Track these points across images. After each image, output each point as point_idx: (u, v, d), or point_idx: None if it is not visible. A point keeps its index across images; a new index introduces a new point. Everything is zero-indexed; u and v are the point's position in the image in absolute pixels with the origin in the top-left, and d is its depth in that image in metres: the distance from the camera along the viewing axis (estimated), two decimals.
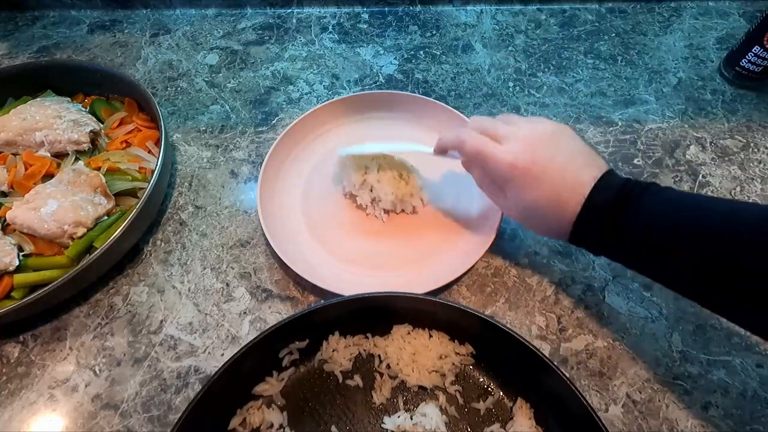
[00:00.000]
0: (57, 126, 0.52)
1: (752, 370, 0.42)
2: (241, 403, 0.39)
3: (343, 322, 0.41)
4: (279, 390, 0.40)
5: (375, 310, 0.41)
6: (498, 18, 0.74)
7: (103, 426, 0.41)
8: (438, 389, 0.40)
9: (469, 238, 0.50)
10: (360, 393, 0.40)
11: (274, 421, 0.38)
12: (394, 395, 0.40)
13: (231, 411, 0.38)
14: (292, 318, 0.37)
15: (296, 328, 0.39)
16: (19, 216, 0.46)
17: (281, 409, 0.39)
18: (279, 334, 0.38)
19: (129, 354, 0.45)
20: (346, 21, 0.74)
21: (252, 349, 0.36)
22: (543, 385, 0.37)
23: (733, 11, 0.74)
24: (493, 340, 0.38)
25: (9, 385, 0.43)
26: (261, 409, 0.39)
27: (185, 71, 0.68)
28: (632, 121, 0.61)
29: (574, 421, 0.35)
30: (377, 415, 0.39)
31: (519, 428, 0.37)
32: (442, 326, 0.42)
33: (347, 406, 0.40)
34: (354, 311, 0.40)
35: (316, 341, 0.41)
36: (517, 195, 0.38)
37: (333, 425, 0.39)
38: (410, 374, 0.40)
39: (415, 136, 0.59)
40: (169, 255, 0.51)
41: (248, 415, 0.38)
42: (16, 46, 0.72)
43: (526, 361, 0.37)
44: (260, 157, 0.58)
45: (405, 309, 0.41)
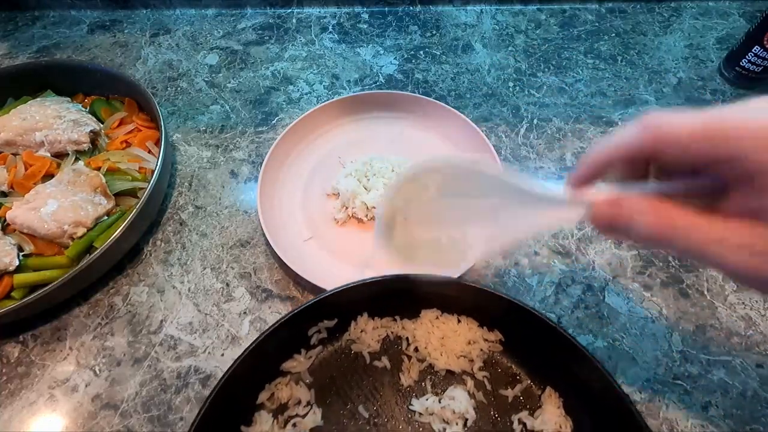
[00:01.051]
0: (57, 126, 0.52)
1: (752, 370, 0.42)
2: (270, 379, 0.39)
3: (372, 304, 0.41)
4: (306, 368, 0.40)
5: (403, 294, 0.40)
6: (498, 18, 0.74)
7: (103, 426, 0.41)
8: (466, 374, 0.40)
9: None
10: (387, 374, 0.40)
11: (302, 397, 0.39)
12: (421, 378, 0.40)
13: (260, 386, 0.39)
14: (323, 297, 0.37)
15: (326, 308, 0.39)
16: (19, 216, 0.46)
17: (308, 386, 0.40)
18: (309, 313, 0.38)
19: (129, 354, 0.45)
20: (346, 21, 0.74)
21: (282, 326, 0.36)
22: (574, 374, 0.36)
23: (733, 11, 0.74)
24: (522, 326, 0.38)
25: (9, 385, 0.43)
26: (289, 385, 0.39)
27: (185, 71, 0.68)
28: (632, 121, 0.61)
29: (605, 412, 0.34)
30: (405, 396, 0.39)
31: (547, 417, 0.37)
32: (471, 312, 0.41)
33: (374, 386, 0.40)
34: (383, 293, 0.40)
35: (344, 322, 0.41)
36: None
37: (360, 405, 0.39)
38: (438, 358, 0.40)
39: (415, 136, 0.59)
40: (169, 255, 0.51)
41: (276, 390, 0.39)
42: (16, 46, 0.72)
43: (557, 348, 0.36)
44: (260, 157, 0.58)
45: (433, 293, 0.41)
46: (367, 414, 0.38)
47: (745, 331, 0.45)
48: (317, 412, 0.38)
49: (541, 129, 0.60)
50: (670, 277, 0.48)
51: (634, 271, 0.48)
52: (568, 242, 0.51)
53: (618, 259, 0.49)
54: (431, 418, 0.38)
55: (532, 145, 0.59)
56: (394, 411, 0.39)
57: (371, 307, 0.42)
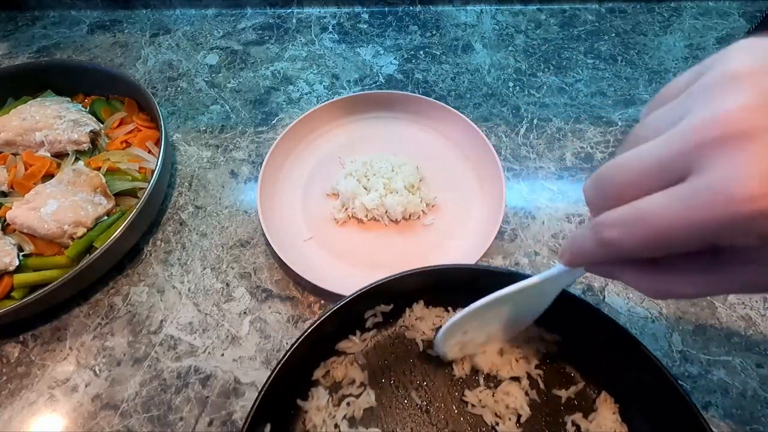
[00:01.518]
0: (57, 126, 0.52)
1: (752, 370, 0.42)
2: (325, 357, 0.40)
3: (429, 293, 0.41)
4: (361, 349, 0.40)
5: (461, 287, 0.40)
6: (498, 18, 0.74)
7: (103, 426, 0.41)
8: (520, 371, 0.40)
9: (469, 238, 0.50)
10: (441, 364, 0.40)
11: (356, 377, 0.39)
12: (474, 371, 0.40)
13: (315, 363, 0.39)
14: (383, 282, 0.38)
15: (384, 293, 0.39)
16: (19, 216, 0.46)
17: (362, 368, 0.40)
18: (369, 295, 0.38)
19: (129, 354, 0.45)
20: (346, 21, 0.74)
21: (345, 306, 0.37)
22: (634, 379, 0.36)
23: (733, 11, 0.74)
24: (581, 326, 0.37)
25: (9, 385, 0.43)
26: (344, 364, 0.40)
27: (185, 71, 0.68)
28: (632, 121, 0.61)
29: (667, 419, 0.34)
30: (457, 387, 0.39)
31: (602, 421, 0.36)
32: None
33: (427, 374, 0.40)
34: (441, 283, 0.40)
35: (399, 309, 0.42)
36: None
37: (413, 391, 0.39)
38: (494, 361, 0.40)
39: (415, 136, 0.59)
40: (169, 255, 0.51)
41: (332, 368, 0.39)
42: (16, 46, 0.72)
43: (617, 349, 0.36)
44: (260, 157, 0.58)
45: (492, 287, 0.40)
46: (420, 400, 0.39)
47: (745, 331, 0.45)
48: (371, 393, 0.38)
49: (541, 129, 0.60)
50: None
51: None
52: None
53: None
54: (484, 411, 0.38)
55: (532, 145, 0.59)
56: (446, 400, 0.39)
57: (428, 296, 0.42)
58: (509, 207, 0.53)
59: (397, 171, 0.53)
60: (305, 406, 0.37)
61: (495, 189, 0.51)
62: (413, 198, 0.51)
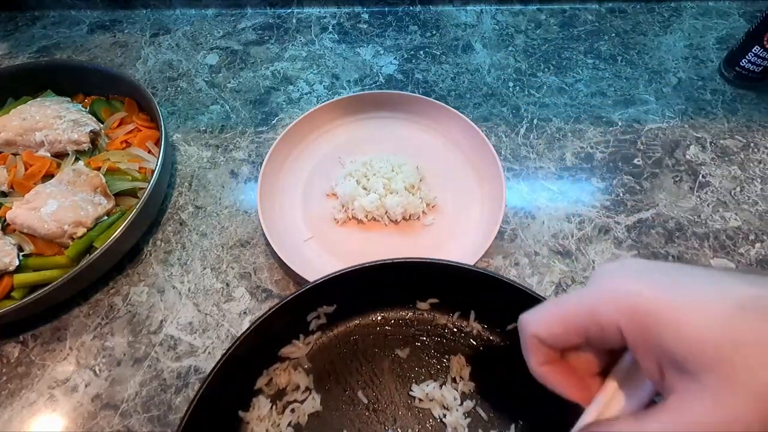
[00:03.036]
0: (57, 126, 0.52)
1: None
2: (268, 364, 0.39)
3: (371, 292, 0.41)
4: (305, 353, 0.40)
5: (404, 284, 0.40)
6: (498, 18, 0.74)
7: (103, 426, 0.41)
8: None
9: (469, 238, 0.50)
10: (387, 361, 0.40)
11: (301, 383, 0.38)
12: (418, 357, 0.40)
13: (257, 371, 0.38)
14: (320, 282, 0.37)
15: (325, 293, 0.39)
16: (19, 216, 0.46)
17: (307, 372, 0.39)
18: (307, 298, 0.37)
19: (129, 354, 0.45)
20: (346, 21, 0.74)
21: (279, 311, 0.36)
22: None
23: (733, 11, 0.74)
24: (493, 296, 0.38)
25: (9, 385, 0.43)
26: (287, 370, 0.39)
27: (185, 71, 0.68)
28: (632, 121, 0.61)
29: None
30: (405, 382, 0.39)
31: None
32: (477, 304, 0.41)
33: (374, 372, 0.40)
34: (381, 280, 0.40)
35: (343, 308, 0.41)
36: None
37: (360, 390, 0.39)
38: None
39: (415, 136, 0.59)
40: (169, 255, 0.51)
41: (274, 375, 0.39)
42: (16, 46, 0.72)
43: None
44: (260, 157, 0.58)
45: (434, 281, 0.40)
46: (367, 400, 0.38)
47: None
48: (316, 397, 0.38)
49: (541, 129, 0.60)
50: None
51: None
52: (568, 242, 0.51)
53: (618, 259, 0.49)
54: (431, 404, 0.38)
55: (532, 145, 0.59)
56: (393, 397, 0.39)
57: (370, 294, 0.41)
58: (509, 207, 0.53)
59: (397, 171, 0.53)
60: (246, 416, 0.37)
61: (495, 189, 0.51)
62: (413, 198, 0.51)
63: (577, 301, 0.24)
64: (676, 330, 0.20)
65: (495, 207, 0.49)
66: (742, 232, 0.51)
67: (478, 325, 0.41)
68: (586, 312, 0.23)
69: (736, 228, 0.51)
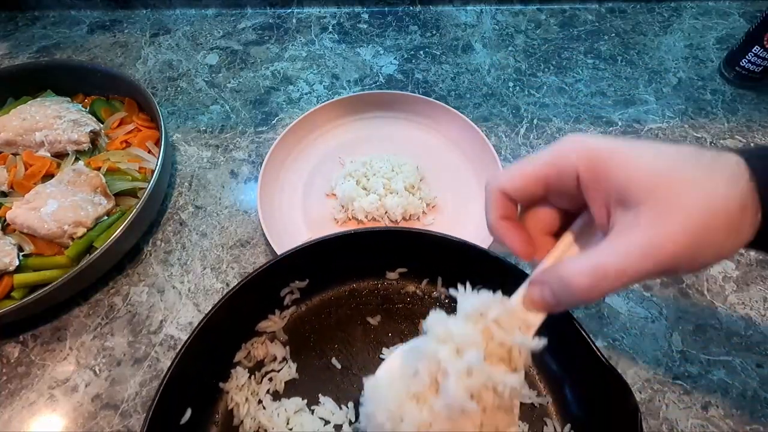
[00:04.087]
0: (57, 126, 0.52)
1: (752, 370, 0.42)
2: (246, 339, 0.41)
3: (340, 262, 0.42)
4: (282, 326, 0.42)
5: (372, 252, 0.42)
6: (498, 18, 0.74)
7: (103, 426, 0.41)
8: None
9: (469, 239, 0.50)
10: (360, 328, 0.42)
11: (278, 354, 0.40)
12: (387, 321, 0.43)
13: (236, 345, 0.40)
14: (284, 256, 0.38)
15: (295, 268, 0.40)
16: (19, 216, 0.46)
17: (284, 344, 0.41)
18: (276, 273, 0.39)
19: (129, 354, 0.45)
20: (346, 21, 0.74)
21: (249, 284, 0.37)
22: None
23: (733, 11, 0.74)
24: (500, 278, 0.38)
25: (9, 385, 0.43)
26: (264, 343, 0.41)
27: (185, 71, 0.68)
28: (632, 121, 0.61)
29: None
30: (376, 347, 0.41)
31: None
32: (444, 270, 0.43)
33: (347, 340, 0.42)
34: (351, 249, 0.41)
35: (315, 282, 0.42)
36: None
37: (334, 357, 0.41)
38: None
39: (415, 136, 0.59)
40: (169, 255, 0.51)
41: (252, 348, 0.40)
42: (16, 46, 0.72)
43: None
44: (260, 157, 0.58)
45: (402, 251, 0.42)
46: (340, 365, 0.40)
47: (745, 331, 0.45)
48: (292, 366, 0.40)
49: (541, 129, 0.60)
50: (670, 277, 0.48)
51: None
52: None
53: None
54: None
55: (532, 145, 0.59)
56: (365, 361, 0.41)
57: (341, 267, 0.43)
58: None
59: (397, 171, 0.53)
60: (226, 387, 0.39)
61: None
62: (413, 198, 0.51)
63: (542, 154, 0.26)
64: (624, 169, 0.23)
65: None
66: None
67: (446, 290, 0.43)
68: (550, 160, 0.26)
69: None
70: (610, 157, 0.24)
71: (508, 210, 0.28)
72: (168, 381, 0.33)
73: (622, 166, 0.23)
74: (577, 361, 0.35)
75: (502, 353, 0.26)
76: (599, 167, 0.24)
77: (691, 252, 0.22)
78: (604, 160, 0.24)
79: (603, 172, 0.24)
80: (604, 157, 0.24)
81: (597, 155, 0.24)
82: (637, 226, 0.22)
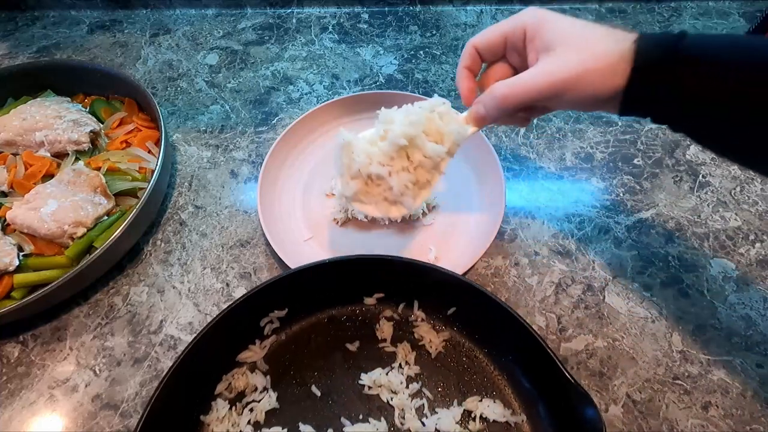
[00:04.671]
0: (57, 126, 0.52)
1: (752, 370, 0.42)
2: (227, 370, 0.41)
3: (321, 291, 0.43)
4: (262, 356, 0.42)
5: (348, 280, 0.42)
6: (498, 18, 0.74)
7: (103, 426, 0.41)
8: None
9: (469, 238, 0.50)
10: (339, 355, 0.43)
11: (258, 384, 0.41)
12: (367, 349, 0.43)
13: (217, 378, 0.40)
14: (266, 284, 0.39)
15: (273, 297, 0.41)
16: (19, 216, 0.46)
17: (264, 373, 0.41)
18: (256, 302, 0.39)
19: (129, 354, 0.45)
20: (346, 21, 0.74)
21: (226, 318, 0.38)
22: (512, 343, 0.39)
23: (733, 11, 0.74)
24: (473, 302, 0.40)
25: (9, 385, 0.43)
26: (245, 374, 0.41)
27: (185, 71, 0.68)
28: (632, 121, 0.61)
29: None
30: (355, 373, 0.42)
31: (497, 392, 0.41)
32: (420, 294, 0.44)
33: (326, 368, 0.42)
34: (327, 280, 0.41)
35: (294, 310, 0.43)
36: (563, 64, 0.33)
37: (313, 385, 0.41)
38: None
39: None
40: (169, 255, 0.51)
41: (233, 380, 0.41)
42: (16, 46, 0.72)
43: (496, 319, 0.39)
44: (260, 157, 0.58)
45: (385, 276, 0.43)
46: (320, 393, 0.41)
47: (745, 331, 0.45)
48: (272, 395, 0.40)
49: (541, 129, 0.60)
50: (670, 277, 0.48)
51: (634, 271, 0.48)
52: (568, 242, 0.51)
53: (618, 259, 0.49)
54: (379, 390, 0.41)
55: (532, 145, 0.59)
56: (345, 387, 0.41)
57: (319, 295, 0.43)
58: (509, 207, 0.53)
59: None
60: (207, 419, 0.39)
61: (495, 189, 0.51)
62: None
63: (506, 19, 0.37)
64: (552, 28, 0.33)
65: (495, 207, 0.49)
66: (742, 232, 0.51)
67: (422, 313, 0.44)
68: (510, 20, 0.36)
69: (736, 228, 0.51)
70: (545, 20, 0.34)
71: (474, 63, 0.39)
72: (148, 415, 0.33)
73: (551, 26, 0.34)
74: (548, 380, 0.36)
75: (438, 137, 0.38)
76: (537, 25, 0.34)
77: (575, 80, 0.32)
78: (541, 21, 0.34)
79: (539, 29, 0.34)
80: (542, 20, 0.34)
81: (539, 18, 0.34)
82: (546, 61, 0.33)
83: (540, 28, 0.34)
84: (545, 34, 0.33)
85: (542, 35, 0.34)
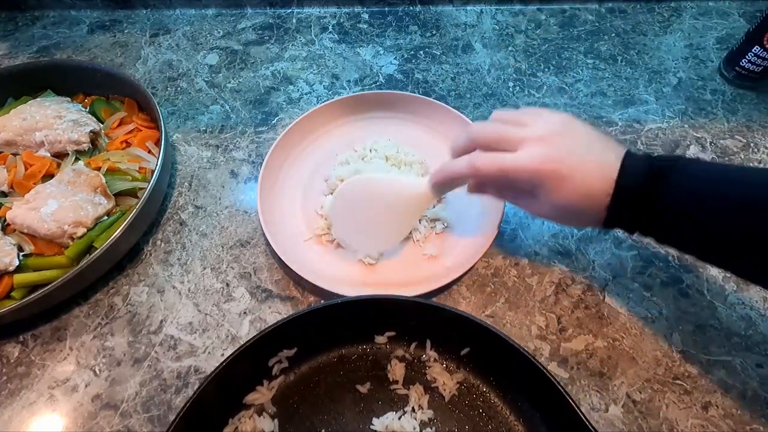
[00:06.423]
0: (57, 126, 0.52)
1: (752, 370, 0.43)
2: (233, 414, 0.39)
3: (332, 328, 0.41)
4: (270, 398, 0.40)
5: (358, 319, 0.41)
6: (498, 18, 0.74)
7: (103, 426, 0.41)
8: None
9: (469, 238, 0.50)
10: (349, 397, 0.41)
11: (265, 428, 0.38)
12: (378, 390, 0.41)
13: (223, 421, 0.38)
14: (276, 325, 0.37)
15: (283, 336, 0.39)
16: (19, 216, 0.46)
17: (272, 416, 0.39)
18: (265, 342, 0.38)
19: (129, 354, 0.45)
20: (346, 21, 0.74)
21: (236, 360, 0.36)
22: (535, 388, 0.37)
23: (733, 11, 0.74)
24: (488, 343, 0.38)
25: (9, 385, 0.43)
26: (252, 417, 0.39)
27: (185, 71, 0.68)
28: (632, 121, 0.61)
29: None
30: (366, 417, 0.40)
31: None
32: (433, 333, 0.42)
33: (336, 411, 0.40)
34: (337, 319, 0.40)
35: (304, 350, 0.41)
36: (549, 198, 0.36)
37: (323, 429, 0.39)
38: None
39: (415, 137, 0.59)
40: (169, 255, 0.51)
41: (240, 424, 0.39)
42: (16, 46, 0.72)
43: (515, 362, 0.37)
44: (260, 157, 0.58)
45: (396, 315, 0.41)
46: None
47: (745, 331, 0.45)
48: None
49: None
50: (670, 277, 0.48)
51: (634, 271, 0.48)
52: (568, 242, 0.51)
53: (618, 259, 0.49)
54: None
55: None
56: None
57: (329, 334, 0.42)
58: (509, 207, 0.53)
59: (403, 155, 0.55)
60: None
61: None
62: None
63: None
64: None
65: (495, 207, 0.49)
66: None
67: (434, 353, 0.42)
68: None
69: None
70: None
71: (468, 149, 0.41)
72: None
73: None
74: (570, 430, 0.35)
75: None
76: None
77: (559, 218, 0.40)
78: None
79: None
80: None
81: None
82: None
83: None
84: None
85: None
